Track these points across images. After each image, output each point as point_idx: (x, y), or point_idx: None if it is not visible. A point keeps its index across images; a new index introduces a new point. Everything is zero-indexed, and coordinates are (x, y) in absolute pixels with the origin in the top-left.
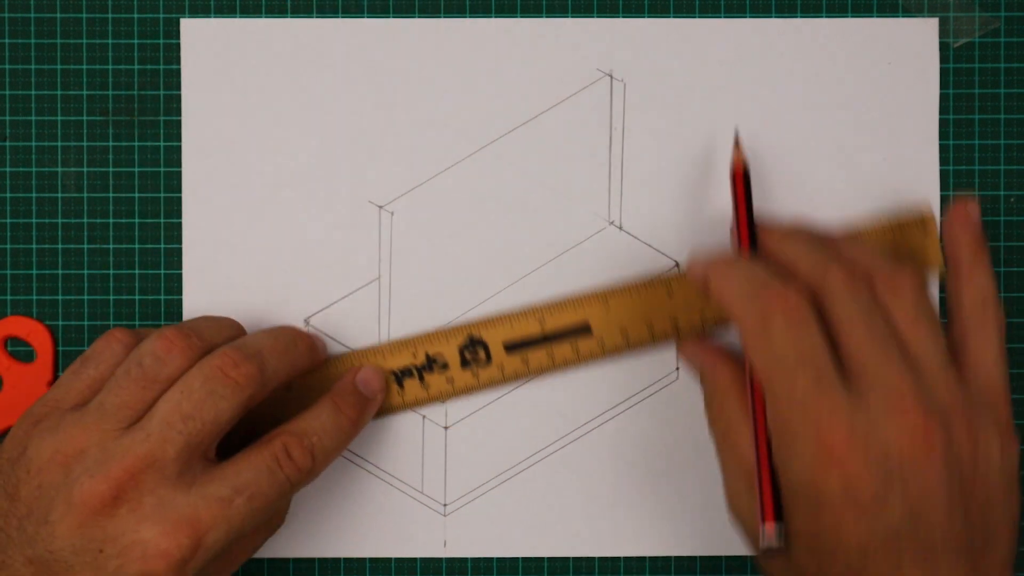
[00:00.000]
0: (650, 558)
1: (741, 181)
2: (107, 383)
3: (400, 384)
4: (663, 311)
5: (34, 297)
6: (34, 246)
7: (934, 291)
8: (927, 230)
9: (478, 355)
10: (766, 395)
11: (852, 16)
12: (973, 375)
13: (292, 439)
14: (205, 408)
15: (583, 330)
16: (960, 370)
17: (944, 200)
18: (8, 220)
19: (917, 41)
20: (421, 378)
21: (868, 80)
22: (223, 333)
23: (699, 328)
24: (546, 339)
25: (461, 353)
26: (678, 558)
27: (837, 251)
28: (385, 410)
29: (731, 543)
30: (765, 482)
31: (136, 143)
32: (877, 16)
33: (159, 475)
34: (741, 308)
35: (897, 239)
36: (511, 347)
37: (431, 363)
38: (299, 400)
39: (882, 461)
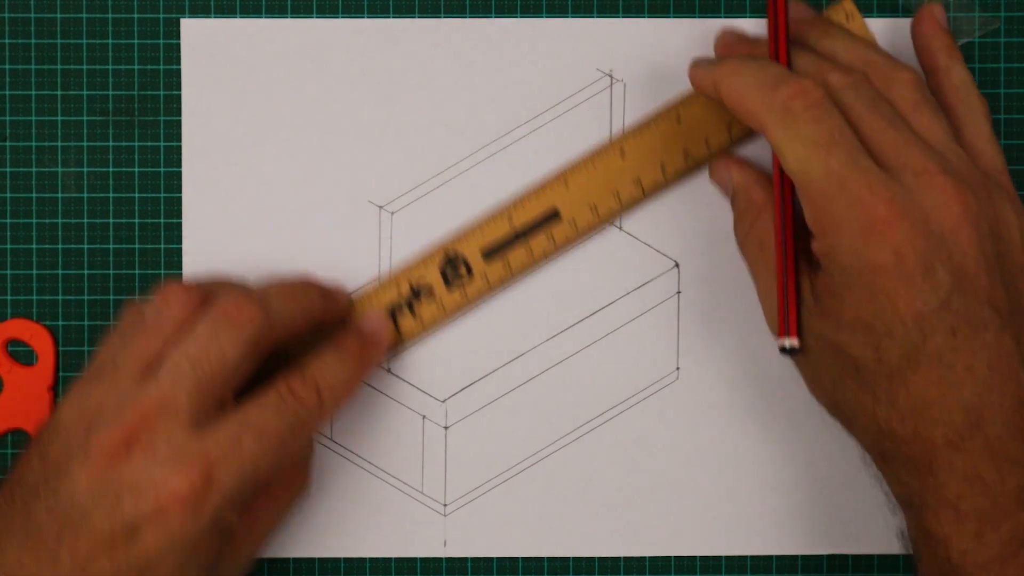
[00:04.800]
0: (650, 558)
1: None
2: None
3: (394, 322)
4: (622, 176)
5: (34, 297)
6: (34, 246)
7: None
8: (850, 14)
9: (459, 271)
10: (802, 185)
11: None
12: (974, 156)
13: (294, 376)
14: (211, 350)
15: (552, 217)
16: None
17: None
18: (8, 220)
19: None
20: (412, 310)
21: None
22: (228, 287)
23: (663, 183)
24: (519, 235)
25: (443, 274)
26: (678, 558)
27: (833, 52)
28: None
29: (731, 543)
30: (791, 291)
31: (136, 143)
32: (877, 16)
33: (172, 419)
34: (761, 102)
35: None
36: (489, 253)
37: (416, 293)
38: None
39: (925, 229)
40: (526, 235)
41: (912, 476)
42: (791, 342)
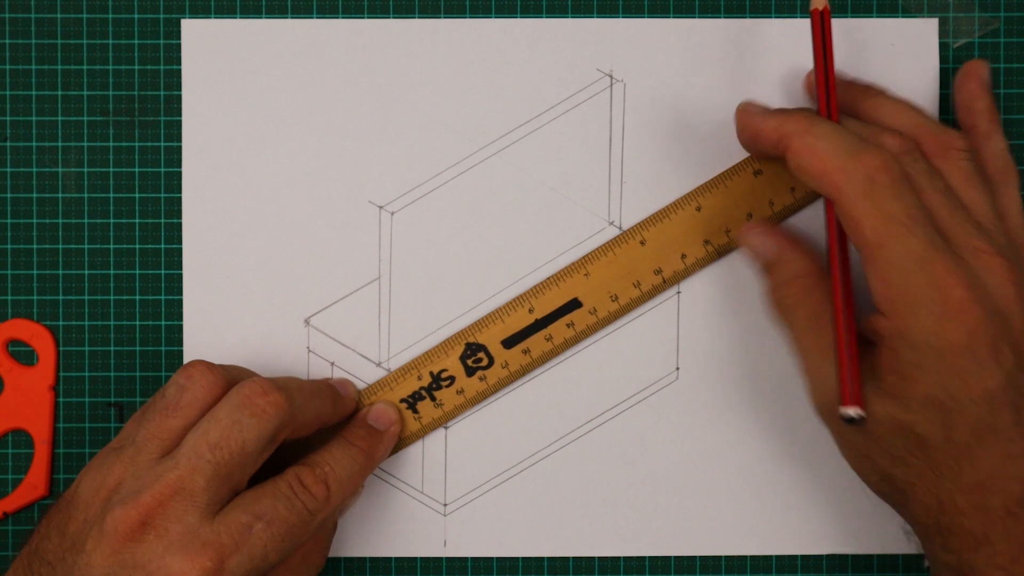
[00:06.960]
0: (650, 558)
1: (819, 27)
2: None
3: (414, 410)
4: (642, 265)
5: (35, 297)
6: (35, 246)
7: None
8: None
9: (480, 360)
10: (875, 260)
11: (852, 16)
12: (1004, 227)
13: (304, 469)
14: (231, 436)
15: (573, 305)
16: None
17: None
18: (9, 220)
19: (917, 41)
20: (432, 398)
21: (868, 80)
22: (250, 375)
23: (683, 272)
24: (540, 324)
25: (463, 362)
26: (678, 558)
27: (879, 116)
28: (408, 438)
29: (731, 543)
30: (854, 359)
31: (136, 143)
32: (877, 16)
33: (188, 503)
34: (840, 168)
35: None
36: (509, 342)
37: (438, 381)
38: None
39: (992, 310)
40: (546, 324)
41: (966, 546)
42: (858, 411)
